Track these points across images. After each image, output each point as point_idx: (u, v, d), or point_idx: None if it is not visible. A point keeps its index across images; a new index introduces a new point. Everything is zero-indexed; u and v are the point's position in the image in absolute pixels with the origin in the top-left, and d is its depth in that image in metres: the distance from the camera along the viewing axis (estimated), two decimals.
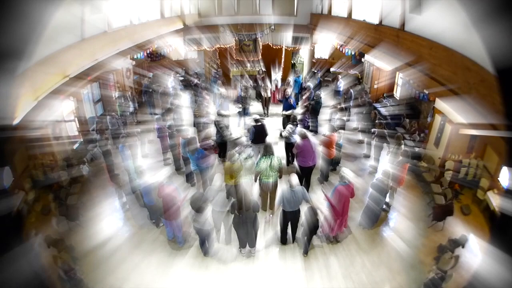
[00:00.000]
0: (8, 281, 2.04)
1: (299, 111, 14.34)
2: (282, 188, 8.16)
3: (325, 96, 16.47)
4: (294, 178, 7.89)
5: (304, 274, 7.81)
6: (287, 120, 13.11)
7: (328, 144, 10.42)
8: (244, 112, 14.51)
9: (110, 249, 8.46)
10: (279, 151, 11.87)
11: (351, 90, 15.86)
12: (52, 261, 7.18)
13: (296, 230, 8.66)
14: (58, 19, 7.38)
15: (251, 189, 8.57)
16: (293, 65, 22.36)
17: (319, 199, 10.02)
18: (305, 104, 14.80)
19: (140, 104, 17.61)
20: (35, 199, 9.53)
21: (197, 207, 7.33)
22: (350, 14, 14.42)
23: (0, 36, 2.19)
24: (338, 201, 7.99)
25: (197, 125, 13.49)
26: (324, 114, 14.58)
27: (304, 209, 8.05)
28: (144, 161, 9.75)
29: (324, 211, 8.28)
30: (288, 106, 13.88)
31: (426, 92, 12.36)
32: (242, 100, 14.39)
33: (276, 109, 16.62)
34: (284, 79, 18.81)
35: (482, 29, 3.04)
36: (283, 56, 21.53)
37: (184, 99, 16.38)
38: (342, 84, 17.14)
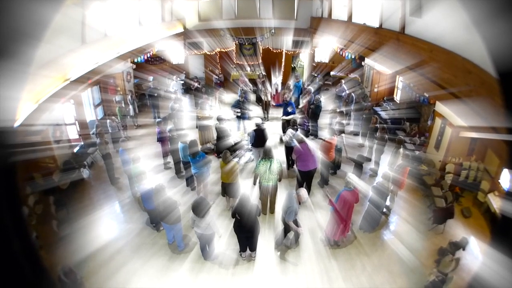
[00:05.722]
0: (8, 283, 2.03)
1: (298, 115, 14.32)
2: (291, 191, 8.18)
3: (326, 100, 16.45)
4: (304, 193, 7.88)
5: (305, 277, 7.79)
6: (287, 124, 13.10)
7: (327, 148, 10.42)
8: (243, 117, 14.52)
9: (111, 252, 8.43)
10: (279, 155, 11.88)
11: (353, 94, 15.88)
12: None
13: (299, 235, 8.66)
14: (59, 23, 7.40)
15: (251, 193, 8.56)
16: (293, 69, 22.36)
17: (320, 202, 10.04)
18: (304, 107, 14.80)
19: (141, 108, 17.64)
20: (35, 202, 9.50)
21: (199, 211, 7.29)
22: (350, 18, 14.44)
23: (1, 39, 2.18)
24: (343, 206, 7.94)
25: (200, 127, 13.53)
26: (325, 118, 14.58)
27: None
28: (144, 165, 9.72)
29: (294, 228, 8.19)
30: (287, 111, 13.85)
31: (427, 95, 12.37)
32: (240, 105, 14.39)
33: (276, 113, 16.62)
34: (284, 83, 18.85)
35: (484, 30, 3.01)
36: (283, 59, 21.55)
37: (184, 103, 16.40)
38: (345, 90, 16.99)
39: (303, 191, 7.88)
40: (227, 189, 9.55)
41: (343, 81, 17.79)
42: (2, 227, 2.07)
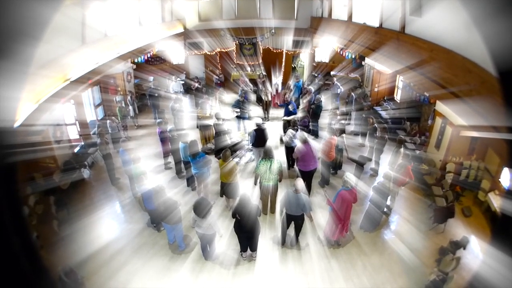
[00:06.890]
0: (8, 283, 2.03)
1: (299, 114, 14.31)
2: (287, 190, 8.13)
3: (326, 100, 16.43)
4: (300, 183, 7.84)
5: (306, 277, 7.78)
6: (287, 124, 13.09)
7: (328, 147, 10.41)
8: (243, 117, 14.48)
9: (111, 253, 8.42)
10: (280, 155, 11.86)
11: (352, 94, 15.87)
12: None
13: (299, 234, 8.64)
14: (59, 23, 7.40)
15: (252, 194, 8.54)
16: (294, 69, 22.37)
17: (320, 203, 10.02)
18: (305, 107, 14.80)
19: (141, 108, 17.65)
20: (36, 202, 9.50)
21: (200, 212, 7.28)
22: (350, 17, 14.44)
23: (1, 39, 2.18)
24: (340, 205, 7.91)
25: (200, 127, 13.54)
26: (325, 118, 14.57)
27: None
28: (144, 165, 9.73)
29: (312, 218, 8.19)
30: (288, 111, 13.85)
31: (427, 94, 12.36)
32: (240, 105, 14.35)
33: (277, 113, 16.63)
34: (284, 83, 18.84)
35: (484, 29, 3.01)
36: (283, 59, 21.54)
37: (185, 103, 16.41)
38: (339, 86, 17.00)
39: (298, 182, 7.84)
40: (225, 188, 9.52)
41: (335, 78, 17.82)
42: (3, 227, 2.07)
